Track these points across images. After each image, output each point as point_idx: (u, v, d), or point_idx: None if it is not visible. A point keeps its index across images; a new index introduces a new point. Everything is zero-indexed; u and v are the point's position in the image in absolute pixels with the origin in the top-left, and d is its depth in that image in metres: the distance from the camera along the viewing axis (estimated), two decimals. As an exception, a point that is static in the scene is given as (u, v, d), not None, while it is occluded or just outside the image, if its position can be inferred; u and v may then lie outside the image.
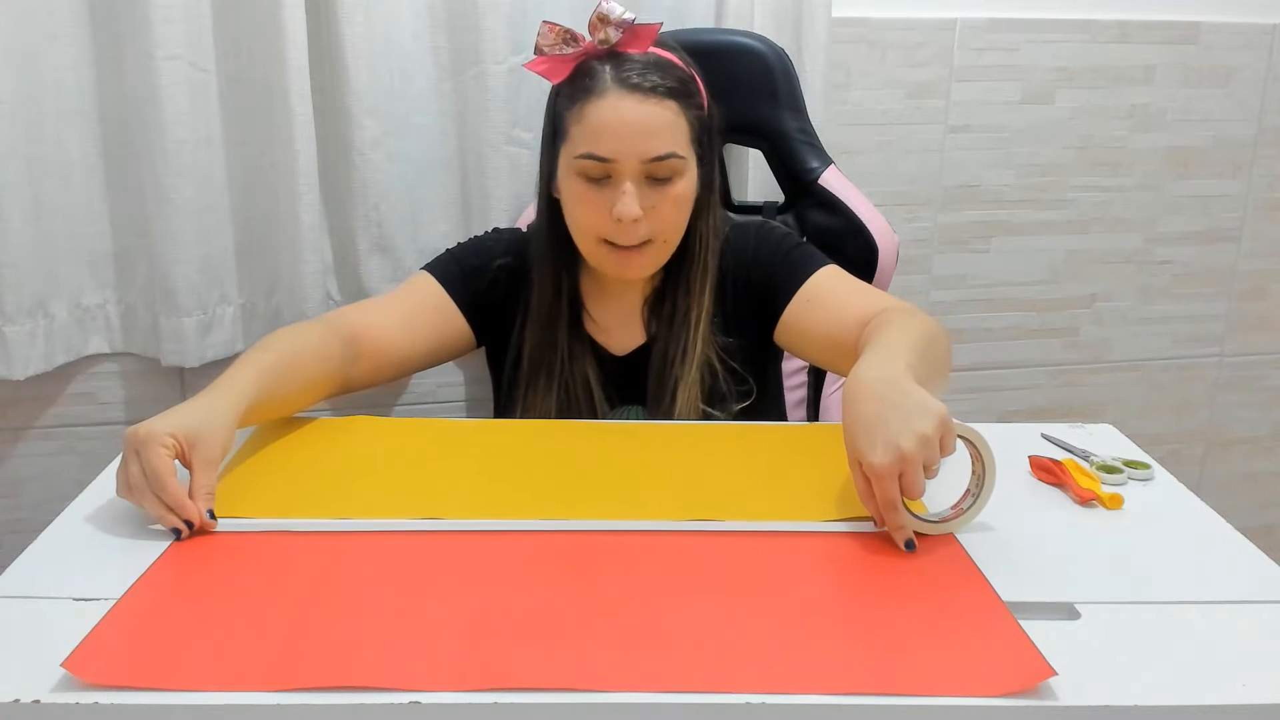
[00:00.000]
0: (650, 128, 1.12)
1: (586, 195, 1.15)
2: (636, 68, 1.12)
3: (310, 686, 0.70)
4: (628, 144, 1.12)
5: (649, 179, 1.14)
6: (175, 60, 1.41)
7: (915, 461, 0.85)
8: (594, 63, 1.14)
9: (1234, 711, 0.71)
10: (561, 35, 1.13)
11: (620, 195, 1.13)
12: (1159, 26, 1.78)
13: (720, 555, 0.88)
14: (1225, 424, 2.03)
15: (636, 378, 1.25)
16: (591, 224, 1.16)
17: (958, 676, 0.72)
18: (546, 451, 1.08)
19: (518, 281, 1.27)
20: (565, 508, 0.95)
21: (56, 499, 1.00)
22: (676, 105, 1.13)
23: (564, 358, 1.23)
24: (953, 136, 1.78)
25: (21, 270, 1.44)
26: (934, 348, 1.05)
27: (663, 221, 1.16)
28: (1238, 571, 0.88)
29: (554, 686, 0.70)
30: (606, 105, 1.12)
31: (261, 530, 0.91)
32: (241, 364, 1.05)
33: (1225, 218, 1.91)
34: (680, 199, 1.16)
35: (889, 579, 0.85)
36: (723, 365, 1.22)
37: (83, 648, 0.73)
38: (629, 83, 1.11)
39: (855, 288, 1.21)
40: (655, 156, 1.13)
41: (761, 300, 1.23)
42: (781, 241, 1.25)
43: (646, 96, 1.11)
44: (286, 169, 1.46)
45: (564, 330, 1.23)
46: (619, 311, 1.27)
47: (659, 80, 1.12)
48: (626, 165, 1.12)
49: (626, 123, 1.11)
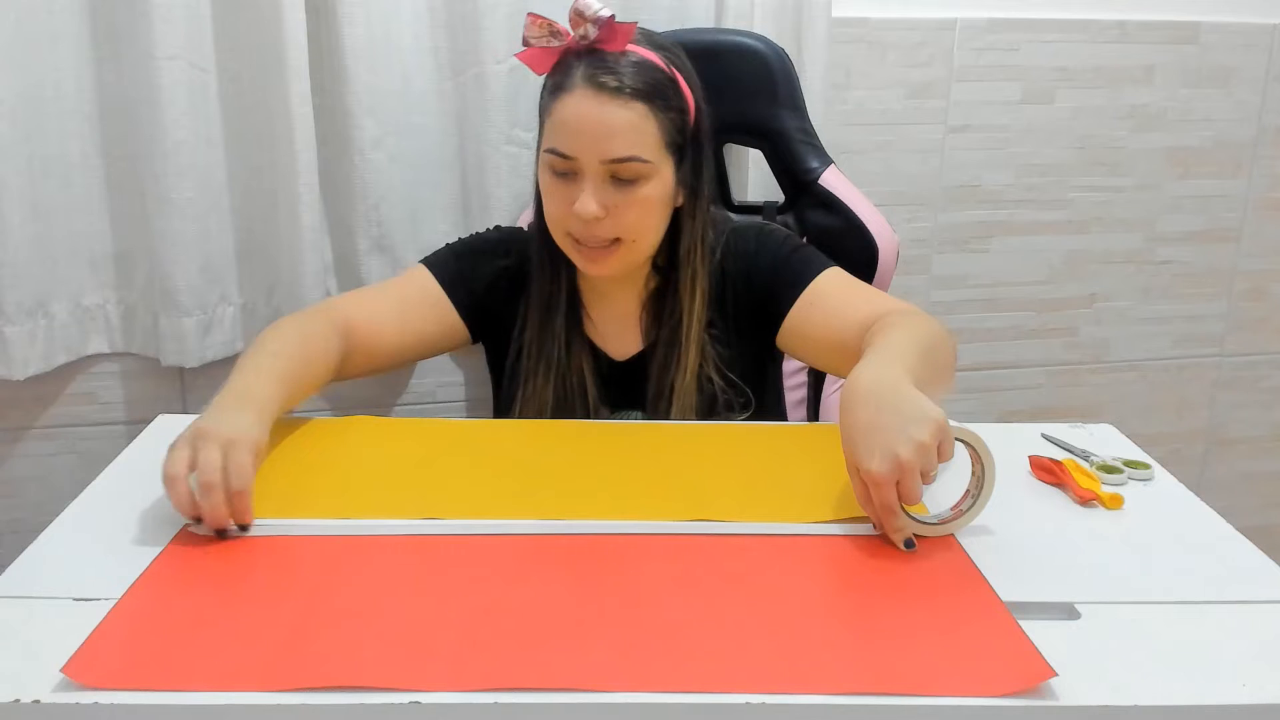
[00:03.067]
0: (611, 129, 1.11)
1: (554, 189, 1.15)
2: (608, 66, 1.11)
3: (310, 686, 0.70)
4: (587, 143, 1.11)
5: (613, 179, 1.13)
6: (175, 60, 1.41)
7: (913, 469, 0.85)
8: (571, 58, 1.13)
9: (1234, 711, 0.71)
10: (546, 28, 1.13)
11: (579, 193, 1.13)
12: (1159, 26, 1.78)
13: (720, 556, 0.88)
14: (1225, 424, 2.03)
15: (635, 383, 1.24)
16: (558, 218, 1.16)
17: (957, 677, 0.72)
18: (546, 451, 1.08)
19: (519, 283, 1.27)
20: (565, 508, 0.95)
21: (56, 499, 1.00)
22: (645, 108, 1.12)
23: (562, 349, 1.22)
24: (953, 136, 1.78)
25: (21, 270, 1.44)
26: (936, 351, 1.05)
27: (625, 223, 1.14)
28: (1238, 571, 0.88)
29: (554, 686, 0.70)
30: (571, 102, 1.11)
31: (261, 530, 0.91)
32: (263, 372, 1.04)
33: (1225, 218, 1.91)
34: (646, 203, 1.14)
35: (889, 580, 0.85)
36: (721, 377, 1.21)
37: (82, 651, 0.73)
38: (595, 80, 1.11)
39: (858, 290, 1.20)
40: (615, 158, 1.12)
41: (763, 304, 1.22)
42: (783, 244, 1.24)
43: (612, 97, 1.10)
44: (286, 169, 1.46)
45: (562, 320, 1.23)
46: (616, 316, 1.26)
47: (628, 82, 1.11)
48: (587, 164, 1.12)
49: (587, 122, 1.11)
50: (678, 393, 1.20)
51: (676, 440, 1.11)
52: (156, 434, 1.12)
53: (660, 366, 1.22)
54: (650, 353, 1.24)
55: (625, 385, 1.25)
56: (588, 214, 1.12)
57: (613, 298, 1.26)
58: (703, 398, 1.21)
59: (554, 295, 1.23)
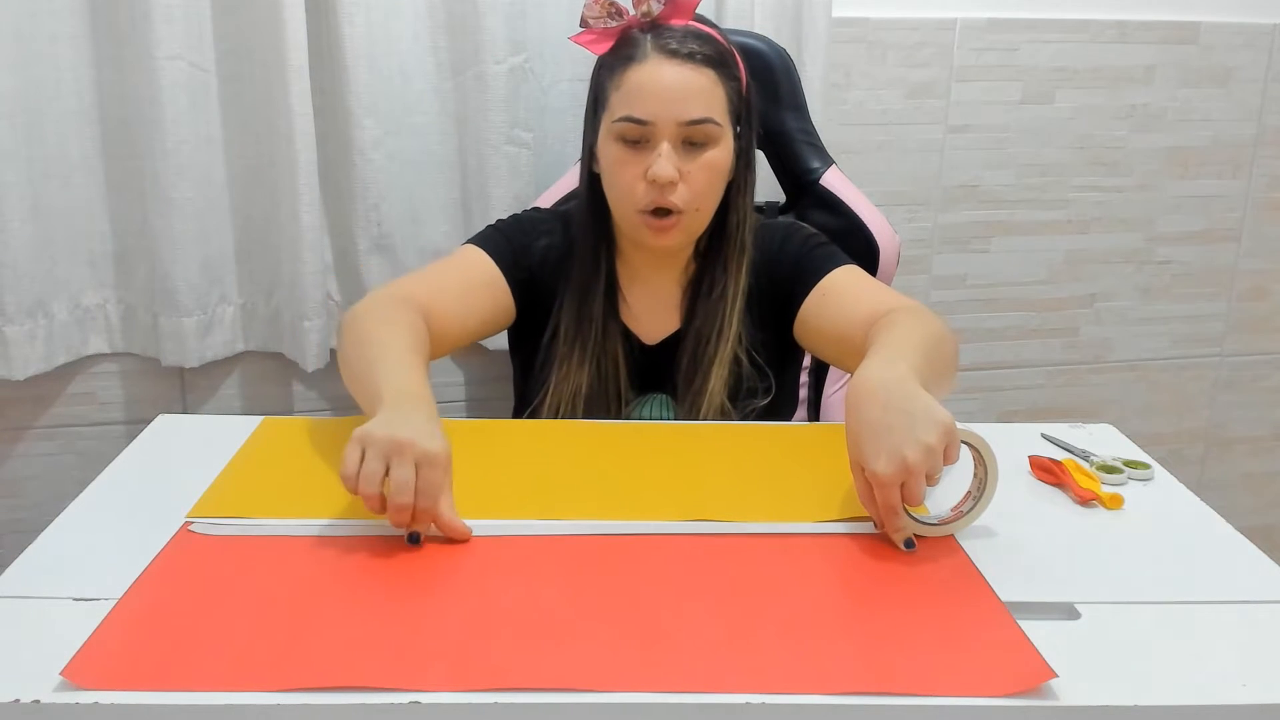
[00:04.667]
0: (688, 91, 1.15)
1: (623, 157, 1.17)
2: (676, 36, 1.16)
3: (310, 686, 0.70)
4: (665, 106, 1.14)
5: (685, 143, 1.16)
6: (175, 60, 1.41)
7: (919, 471, 0.85)
8: (635, 33, 1.17)
9: (1234, 711, 0.71)
10: (606, 8, 1.17)
11: (656, 157, 1.15)
12: (1159, 26, 1.78)
13: (721, 556, 0.88)
14: (1225, 424, 2.03)
15: (664, 367, 1.25)
16: (628, 187, 1.17)
17: (957, 677, 0.72)
18: (546, 452, 1.08)
19: (561, 260, 1.27)
20: (565, 508, 0.95)
21: (56, 499, 1.00)
22: (714, 74, 1.16)
23: (598, 333, 1.23)
24: (953, 136, 1.78)
25: (21, 270, 1.44)
26: (940, 350, 1.05)
27: (696, 188, 1.17)
28: (1238, 571, 0.88)
29: (554, 686, 0.70)
30: (646, 70, 1.15)
31: (262, 530, 0.91)
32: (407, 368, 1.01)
33: (1225, 218, 1.91)
34: (715, 166, 1.18)
35: (889, 580, 0.85)
36: (749, 361, 1.23)
37: (82, 654, 0.73)
38: (668, 49, 1.15)
39: (870, 286, 1.21)
40: (691, 120, 1.15)
41: (784, 295, 1.24)
42: (806, 240, 1.26)
43: (685, 62, 1.15)
44: (286, 169, 1.46)
45: (599, 305, 1.24)
46: (653, 298, 1.27)
47: (697, 48, 1.15)
48: (664, 127, 1.15)
49: (664, 85, 1.14)
50: (716, 367, 1.21)
51: (677, 440, 1.11)
52: (156, 434, 1.12)
53: (698, 343, 1.23)
54: (685, 332, 1.25)
55: (653, 370, 1.26)
56: (665, 176, 1.14)
57: (651, 280, 1.27)
58: (732, 378, 1.22)
59: (593, 280, 1.24)
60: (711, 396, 1.21)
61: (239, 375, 1.63)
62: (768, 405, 1.24)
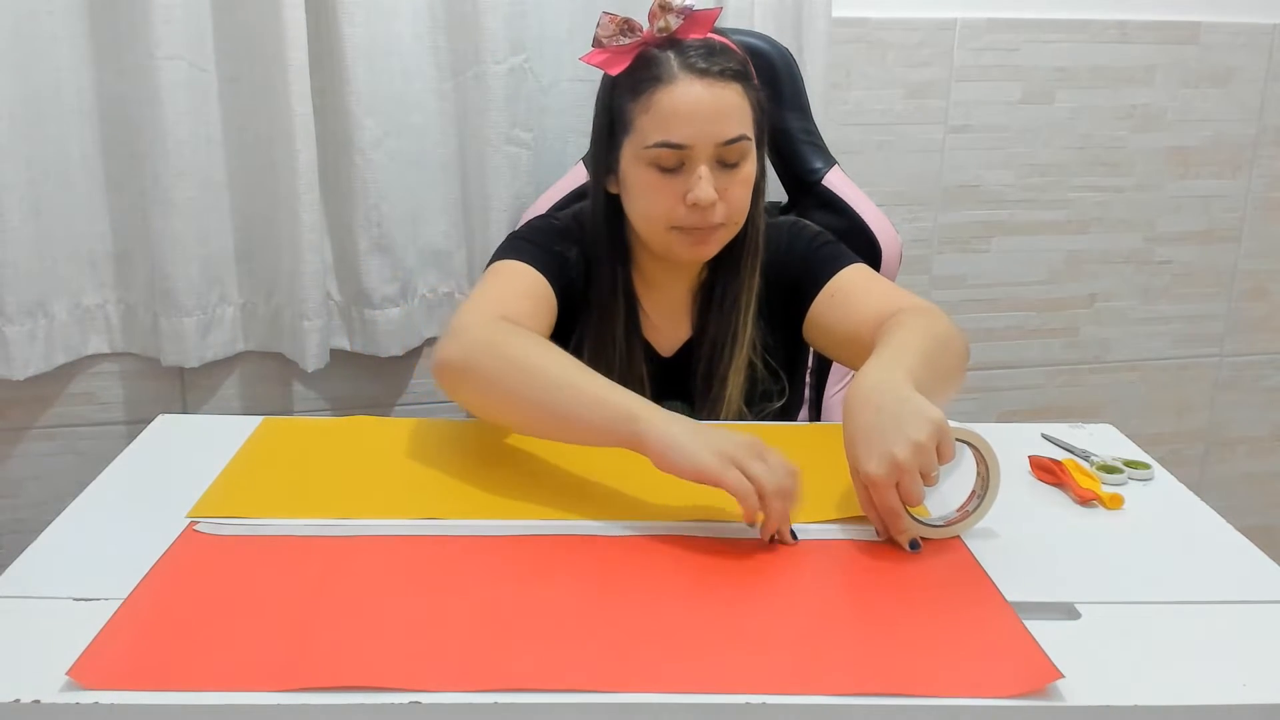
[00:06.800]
0: (722, 111, 1.12)
1: (658, 184, 1.14)
2: (700, 52, 1.12)
3: (311, 686, 0.70)
4: (702, 128, 1.11)
5: (719, 163, 1.13)
6: (175, 60, 1.41)
7: (911, 469, 0.85)
8: (655, 51, 1.13)
9: (1234, 711, 0.71)
10: (620, 25, 1.13)
11: (696, 181, 1.12)
12: (1159, 26, 1.78)
13: (722, 555, 0.88)
14: (1225, 424, 2.03)
15: (680, 376, 1.24)
16: (663, 212, 1.15)
17: (963, 678, 0.72)
18: (547, 452, 1.08)
19: (586, 271, 1.24)
20: (566, 508, 0.95)
21: (56, 499, 1.00)
22: (741, 88, 1.13)
23: (622, 354, 1.22)
24: (953, 136, 1.78)
25: (21, 270, 1.44)
26: (945, 350, 1.04)
27: (735, 204, 1.15)
28: (1238, 571, 0.88)
29: (554, 687, 0.70)
30: (678, 91, 1.11)
31: (263, 530, 0.91)
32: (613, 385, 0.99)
33: (1225, 218, 1.91)
34: (747, 182, 1.16)
35: (893, 580, 0.85)
36: (764, 364, 1.22)
37: (87, 654, 0.73)
38: (696, 68, 1.11)
39: (878, 285, 1.21)
40: (728, 139, 1.12)
41: (793, 296, 1.23)
42: (813, 239, 1.25)
43: (715, 80, 1.11)
44: (286, 169, 1.46)
45: (621, 326, 1.22)
46: (668, 306, 1.26)
47: (724, 63, 1.12)
48: (701, 150, 1.12)
49: (700, 107, 1.11)
50: (732, 374, 1.20)
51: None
52: (156, 434, 1.12)
53: (713, 349, 1.22)
54: (700, 341, 1.24)
55: (670, 379, 1.25)
56: (708, 200, 1.12)
57: (665, 288, 1.26)
58: (748, 384, 1.21)
59: (612, 301, 1.22)
60: (729, 404, 1.20)
61: (239, 375, 1.63)
62: (780, 407, 1.24)
